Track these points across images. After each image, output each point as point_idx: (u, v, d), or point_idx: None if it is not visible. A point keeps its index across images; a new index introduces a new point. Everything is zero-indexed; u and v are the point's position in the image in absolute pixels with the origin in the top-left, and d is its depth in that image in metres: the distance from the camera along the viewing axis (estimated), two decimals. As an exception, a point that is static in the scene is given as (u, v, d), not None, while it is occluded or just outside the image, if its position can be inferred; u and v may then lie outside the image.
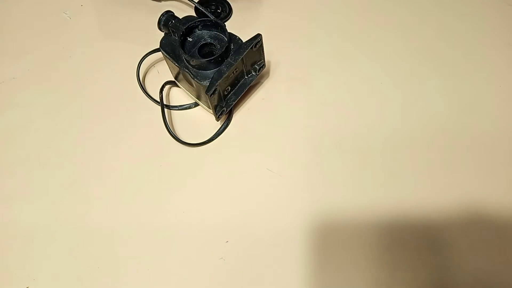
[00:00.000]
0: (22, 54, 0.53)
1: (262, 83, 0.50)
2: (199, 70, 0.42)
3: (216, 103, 0.44)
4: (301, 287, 0.40)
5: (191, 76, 0.42)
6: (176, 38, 0.43)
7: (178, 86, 0.50)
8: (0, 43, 0.54)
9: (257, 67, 0.46)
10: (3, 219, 0.44)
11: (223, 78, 0.41)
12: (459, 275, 0.40)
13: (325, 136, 0.47)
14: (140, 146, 0.47)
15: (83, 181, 0.45)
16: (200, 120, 0.48)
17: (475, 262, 0.41)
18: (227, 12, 0.55)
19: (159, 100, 0.47)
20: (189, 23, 0.43)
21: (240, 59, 0.42)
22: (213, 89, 0.41)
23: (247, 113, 0.49)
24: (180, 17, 0.44)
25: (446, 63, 0.51)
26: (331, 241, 0.42)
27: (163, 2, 0.57)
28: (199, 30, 0.44)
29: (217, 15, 0.54)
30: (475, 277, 0.40)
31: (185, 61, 0.43)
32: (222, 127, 0.47)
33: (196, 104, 0.49)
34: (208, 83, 0.41)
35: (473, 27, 0.53)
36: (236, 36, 0.44)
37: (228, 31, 0.43)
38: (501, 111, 0.48)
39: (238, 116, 0.49)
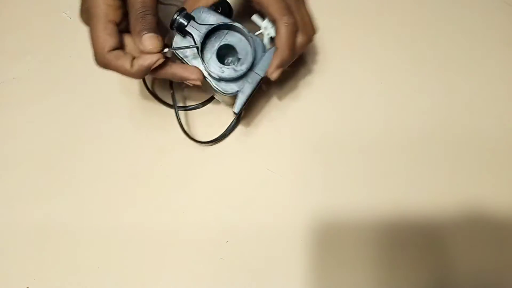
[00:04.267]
0: (22, 54, 0.53)
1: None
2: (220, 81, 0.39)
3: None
4: (301, 287, 0.40)
5: (212, 86, 0.39)
6: (191, 39, 0.39)
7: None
8: (0, 43, 0.54)
9: None
10: (3, 219, 0.44)
11: (252, 92, 0.39)
12: (459, 275, 0.40)
13: (326, 136, 0.47)
14: (140, 146, 0.47)
15: (84, 180, 0.45)
16: (204, 120, 0.48)
17: (475, 262, 0.41)
18: (227, 12, 0.55)
19: (162, 98, 0.47)
20: (209, 27, 0.39)
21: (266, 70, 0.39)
22: (241, 108, 0.39)
23: (247, 113, 0.49)
24: None
25: (445, 63, 0.51)
26: (331, 241, 0.42)
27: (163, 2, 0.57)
28: (216, 33, 0.41)
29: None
30: (475, 277, 0.40)
31: (205, 69, 0.39)
32: (232, 124, 0.46)
33: (203, 104, 0.48)
34: (231, 90, 0.39)
35: (472, 27, 0.53)
36: (251, 35, 0.40)
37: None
38: (501, 111, 0.48)
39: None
